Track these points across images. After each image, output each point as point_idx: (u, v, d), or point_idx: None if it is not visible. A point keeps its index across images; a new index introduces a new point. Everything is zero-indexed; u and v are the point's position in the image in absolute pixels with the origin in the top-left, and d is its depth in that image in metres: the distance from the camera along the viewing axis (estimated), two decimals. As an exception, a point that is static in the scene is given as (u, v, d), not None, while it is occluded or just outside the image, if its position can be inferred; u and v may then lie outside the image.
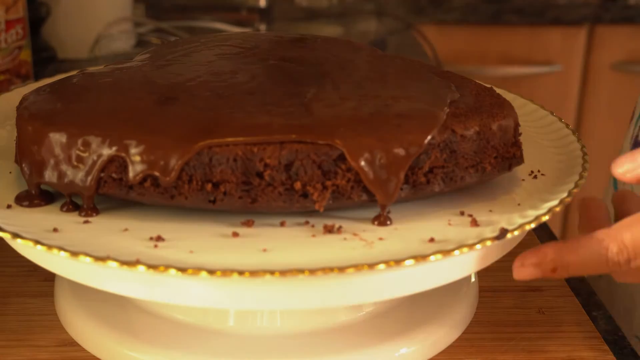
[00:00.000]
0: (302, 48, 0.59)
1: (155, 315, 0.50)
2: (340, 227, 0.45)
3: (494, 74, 1.62)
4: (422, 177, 0.46)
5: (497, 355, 0.50)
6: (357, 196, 0.45)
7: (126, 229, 0.45)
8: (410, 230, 0.45)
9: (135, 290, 0.43)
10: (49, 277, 0.55)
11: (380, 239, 0.44)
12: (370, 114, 0.47)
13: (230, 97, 0.49)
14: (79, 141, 0.45)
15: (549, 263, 0.45)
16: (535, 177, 0.51)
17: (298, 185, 0.45)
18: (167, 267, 0.40)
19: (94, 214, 0.46)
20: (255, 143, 0.44)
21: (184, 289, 0.42)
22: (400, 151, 0.45)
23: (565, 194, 0.47)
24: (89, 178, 0.45)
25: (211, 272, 0.40)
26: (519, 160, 0.50)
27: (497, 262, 0.46)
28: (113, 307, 0.50)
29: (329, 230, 0.45)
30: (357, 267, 0.40)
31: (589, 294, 0.62)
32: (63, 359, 0.49)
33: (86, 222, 0.45)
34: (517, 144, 0.50)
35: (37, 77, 0.97)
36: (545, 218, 0.45)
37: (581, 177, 0.49)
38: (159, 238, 0.44)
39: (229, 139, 0.44)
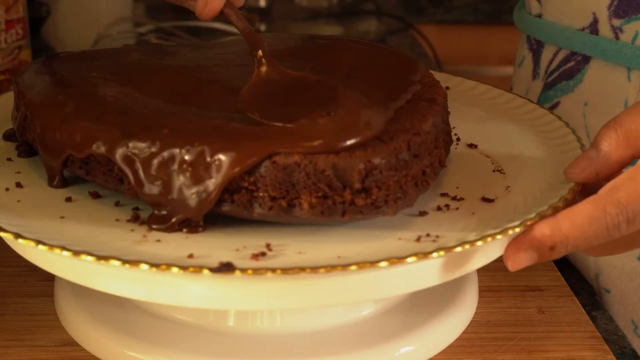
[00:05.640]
0: (303, 47, 0.59)
1: (155, 315, 0.50)
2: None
3: (494, 74, 1.62)
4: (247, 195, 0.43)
5: (497, 355, 0.50)
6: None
7: (63, 217, 0.46)
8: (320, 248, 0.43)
9: (63, 273, 0.44)
10: (49, 277, 0.55)
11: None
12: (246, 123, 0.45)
13: (196, 95, 0.50)
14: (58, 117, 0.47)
15: (546, 240, 0.41)
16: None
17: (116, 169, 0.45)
18: (82, 253, 0.41)
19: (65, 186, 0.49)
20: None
21: (99, 277, 0.43)
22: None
23: (515, 223, 0.43)
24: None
25: (125, 262, 0.40)
26: (365, 210, 0.43)
27: (497, 262, 0.46)
28: (113, 307, 0.50)
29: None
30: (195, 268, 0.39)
31: (589, 294, 0.62)
32: (63, 359, 0.49)
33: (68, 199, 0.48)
34: (366, 190, 0.43)
35: (37, 77, 0.97)
36: (469, 246, 0.41)
37: (552, 208, 0.44)
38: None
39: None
